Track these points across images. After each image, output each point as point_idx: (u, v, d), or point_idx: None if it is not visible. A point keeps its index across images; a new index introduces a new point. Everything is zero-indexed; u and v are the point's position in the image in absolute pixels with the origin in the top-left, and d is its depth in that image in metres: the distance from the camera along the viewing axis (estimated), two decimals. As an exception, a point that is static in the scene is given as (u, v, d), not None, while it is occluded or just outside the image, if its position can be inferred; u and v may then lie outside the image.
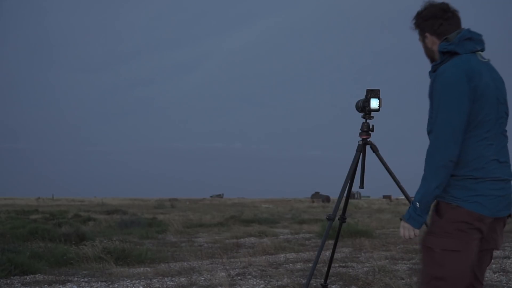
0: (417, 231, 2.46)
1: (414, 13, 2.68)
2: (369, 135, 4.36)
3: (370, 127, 4.35)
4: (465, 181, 2.42)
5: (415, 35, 2.74)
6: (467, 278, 2.44)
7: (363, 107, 4.32)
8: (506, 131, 2.57)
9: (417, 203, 2.42)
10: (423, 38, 2.64)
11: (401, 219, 2.50)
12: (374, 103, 4.27)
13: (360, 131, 4.37)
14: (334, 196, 4.67)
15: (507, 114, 2.58)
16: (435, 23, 2.56)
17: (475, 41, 2.50)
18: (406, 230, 2.47)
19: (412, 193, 2.86)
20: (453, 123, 2.37)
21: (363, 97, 4.32)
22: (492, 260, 7.28)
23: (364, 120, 4.36)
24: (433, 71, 2.53)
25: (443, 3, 2.59)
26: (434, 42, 2.59)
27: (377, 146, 4.34)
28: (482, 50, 2.55)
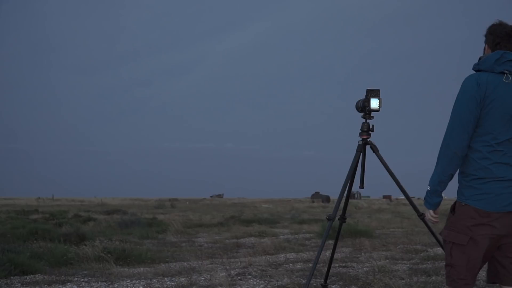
0: (431, 211, 2.89)
1: (409, 15, 2.79)
2: (369, 135, 4.36)
3: (370, 127, 4.35)
4: (472, 182, 2.75)
5: (410, 36, 2.83)
6: (473, 268, 2.76)
7: (363, 107, 4.32)
8: None
9: (428, 186, 2.85)
10: (484, 46, 2.94)
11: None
12: (374, 103, 4.27)
13: (360, 131, 4.37)
14: (334, 196, 4.68)
15: None
16: (495, 40, 2.85)
17: (504, 63, 2.75)
18: (426, 212, 2.95)
19: (412, 193, 3.03)
20: (460, 119, 2.73)
21: (363, 97, 4.33)
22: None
23: (364, 120, 4.36)
24: None
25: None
26: (488, 53, 2.88)
27: (377, 146, 4.34)
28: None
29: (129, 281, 6.03)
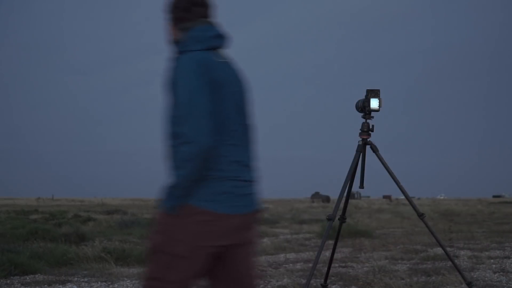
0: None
1: (409, 15, 2.66)
2: (369, 135, 4.36)
3: (370, 127, 4.36)
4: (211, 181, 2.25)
5: (410, 36, 2.76)
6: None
7: (363, 107, 4.33)
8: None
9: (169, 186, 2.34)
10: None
11: None
12: (374, 103, 4.27)
13: (360, 131, 4.38)
14: (334, 196, 4.67)
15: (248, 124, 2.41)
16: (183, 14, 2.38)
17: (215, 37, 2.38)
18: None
19: (412, 193, 2.89)
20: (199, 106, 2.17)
21: (363, 97, 4.33)
22: (492, 260, 7.27)
23: (364, 120, 4.37)
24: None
25: None
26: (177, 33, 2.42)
27: (377, 146, 4.34)
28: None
29: (129, 281, 6.04)
